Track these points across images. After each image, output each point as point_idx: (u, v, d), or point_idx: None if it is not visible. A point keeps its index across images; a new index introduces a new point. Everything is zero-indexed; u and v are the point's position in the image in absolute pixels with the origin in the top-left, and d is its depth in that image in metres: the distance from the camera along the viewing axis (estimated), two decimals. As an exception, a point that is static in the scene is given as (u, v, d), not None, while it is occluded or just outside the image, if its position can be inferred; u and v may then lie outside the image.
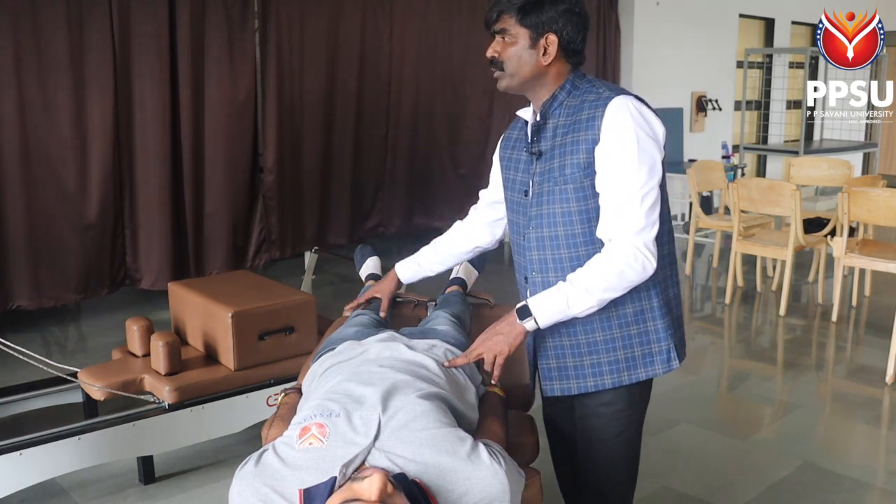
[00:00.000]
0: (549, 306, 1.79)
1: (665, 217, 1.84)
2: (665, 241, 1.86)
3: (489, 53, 1.87)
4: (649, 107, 1.81)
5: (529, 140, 1.91)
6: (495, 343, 1.84)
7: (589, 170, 1.78)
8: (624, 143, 1.74)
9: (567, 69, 1.86)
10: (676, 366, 1.91)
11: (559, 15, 1.81)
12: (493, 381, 1.90)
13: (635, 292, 1.82)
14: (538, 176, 1.87)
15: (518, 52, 1.83)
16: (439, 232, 2.40)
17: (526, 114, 1.95)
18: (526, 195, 1.91)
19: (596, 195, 1.79)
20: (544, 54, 1.82)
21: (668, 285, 1.92)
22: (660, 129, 1.79)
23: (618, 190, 1.75)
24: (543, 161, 1.86)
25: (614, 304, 1.82)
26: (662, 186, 1.81)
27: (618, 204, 1.75)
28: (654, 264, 1.77)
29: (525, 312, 1.82)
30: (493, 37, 1.87)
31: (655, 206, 1.78)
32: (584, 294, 1.76)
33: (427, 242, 2.36)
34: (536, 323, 1.81)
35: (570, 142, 1.80)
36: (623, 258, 1.75)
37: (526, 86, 1.87)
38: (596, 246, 1.81)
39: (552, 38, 1.82)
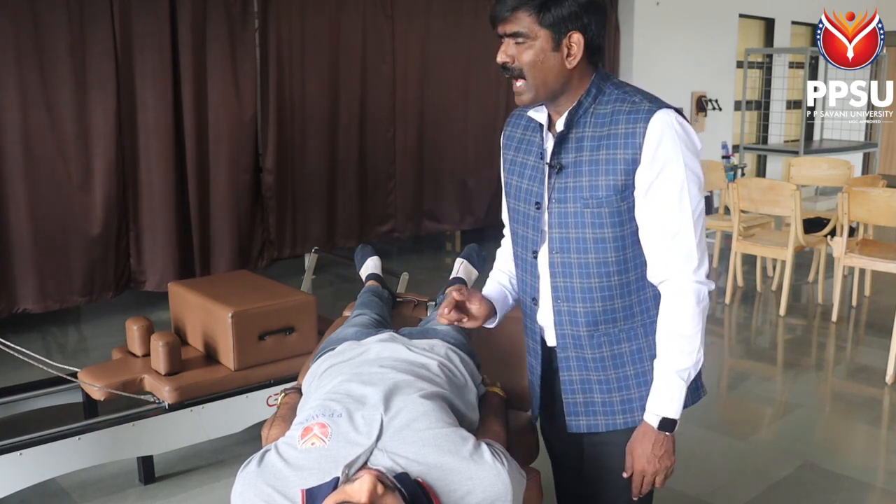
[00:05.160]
0: (669, 395, 1.63)
1: None
2: None
3: (500, 59, 1.61)
4: (687, 120, 1.65)
5: (549, 150, 1.67)
6: (651, 466, 1.66)
7: (626, 192, 1.59)
8: (671, 170, 1.57)
9: (590, 70, 1.64)
10: (700, 396, 1.77)
11: (581, 8, 1.57)
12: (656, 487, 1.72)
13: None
14: (558, 192, 1.65)
15: (538, 56, 1.58)
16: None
17: (539, 116, 1.70)
18: (538, 207, 1.70)
19: (631, 220, 1.62)
20: (568, 56, 1.58)
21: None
22: (700, 145, 1.64)
23: (670, 221, 1.59)
24: (566, 176, 1.64)
25: (646, 334, 1.68)
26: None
27: (671, 235, 1.59)
28: (712, 287, 1.65)
29: (657, 421, 1.63)
30: (500, 38, 1.62)
31: (704, 230, 1.64)
32: (686, 355, 1.61)
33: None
34: (672, 419, 1.64)
35: (603, 159, 1.60)
36: (690, 301, 1.60)
37: (553, 96, 1.63)
38: (629, 275, 1.65)
39: (577, 36, 1.57)
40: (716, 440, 3.50)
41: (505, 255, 1.94)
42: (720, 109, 8.84)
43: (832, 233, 5.29)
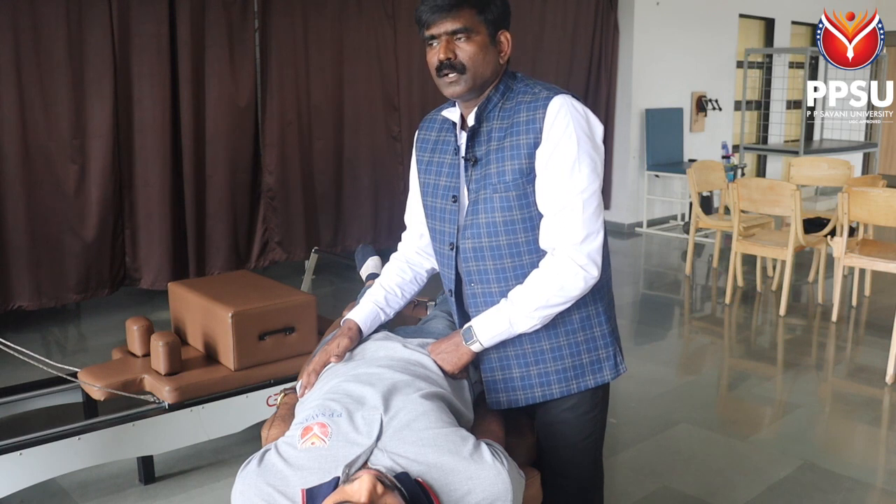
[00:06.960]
0: (491, 327, 1.76)
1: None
2: (605, 241, 1.80)
3: (444, 56, 1.68)
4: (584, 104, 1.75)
5: (465, 145, 1.79)
6: (439, 361, 1.82)
7: (531, 175, 1.70)
8: (564, 145, 1.66)
9: (503, 69, 1.78)
10: (624, 370, 1.87)
11: (507, 10, 1.74)
12: None
13: (581, 298, 1.76)
14: (474, 183, 1.76)
15: (481, 49, 1.70)
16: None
17: (452, 114, 1.83)
18: (455, 200, 1.80)
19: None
20: (500, 52, 1.74)
21: (610, 287, 1.88)
22: (599, 130, 1.72)
23: (558, 194, 1.68)
24: (479, 167, 1.75)
25: (560, 311, 1.76)
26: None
27: (558, 209, 1.68)
28: (596, 275, 1.71)
29: (469, 334, 1.78)
30: (429, 42, 1.71)
31: (599, 211, 1.70)
32: (525, 313, 1.72)
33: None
34: (481, 344, 1.78)
35: (508, 146, 1.71)
36: (562, 273, 1.69)
37: (483, 87, 1.74)
38: (540, 254, 1.75)
39: (507, 35, 1.74)
40: (716, 440, 3.50)
41: (392, 268, 2.05)
42: (720, 109, 8.85)
43: (832, 233, 5.29)
